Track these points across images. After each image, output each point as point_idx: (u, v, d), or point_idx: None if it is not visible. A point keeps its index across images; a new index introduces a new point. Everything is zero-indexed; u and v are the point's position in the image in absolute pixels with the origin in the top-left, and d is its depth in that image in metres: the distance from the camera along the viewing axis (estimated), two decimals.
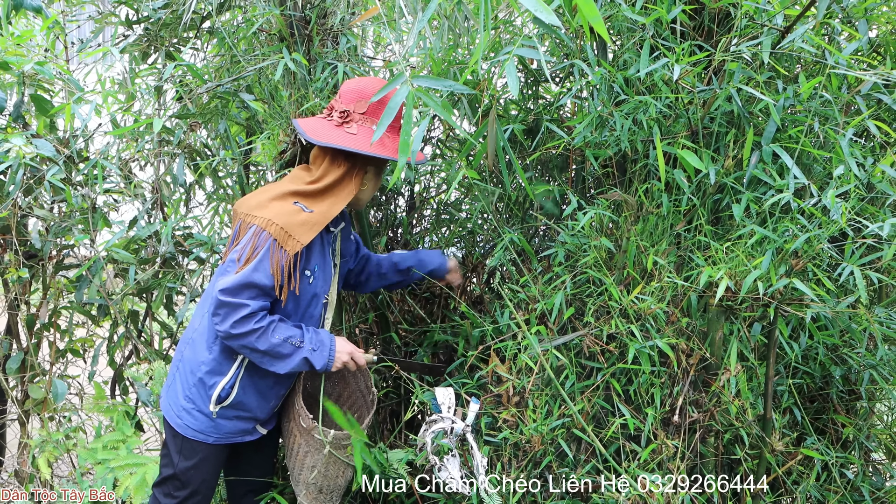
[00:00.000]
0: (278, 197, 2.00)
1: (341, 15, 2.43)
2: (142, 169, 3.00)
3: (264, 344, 1.93)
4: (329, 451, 2.09)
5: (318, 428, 2.07)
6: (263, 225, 1.94)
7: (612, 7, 2.01)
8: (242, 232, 1.99)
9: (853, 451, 2.30)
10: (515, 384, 2.06)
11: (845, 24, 2.10)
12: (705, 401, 2.03)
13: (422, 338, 2.50)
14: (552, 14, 1.09)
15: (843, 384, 2.32)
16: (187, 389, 2.08)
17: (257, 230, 1.94)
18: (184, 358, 2.11)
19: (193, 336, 2.11)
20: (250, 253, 1.93)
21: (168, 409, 2.14)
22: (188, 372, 2.08)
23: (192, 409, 2.08)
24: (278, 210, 1.96)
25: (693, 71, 1.93)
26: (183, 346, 2.14)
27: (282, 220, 1.94)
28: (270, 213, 1.95)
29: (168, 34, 2.88)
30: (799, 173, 1.86)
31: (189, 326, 2.17)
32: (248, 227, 1.97)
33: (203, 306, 2.14)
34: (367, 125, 2.03)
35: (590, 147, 2.11)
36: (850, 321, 2.13)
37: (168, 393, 2.15)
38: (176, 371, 2.14)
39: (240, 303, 1.90)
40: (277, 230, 1.93)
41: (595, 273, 2.04)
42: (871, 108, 1.98)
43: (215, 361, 2.05)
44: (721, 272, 1.83)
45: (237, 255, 1.95)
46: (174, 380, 2.13)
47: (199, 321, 2.12)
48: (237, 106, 2.75)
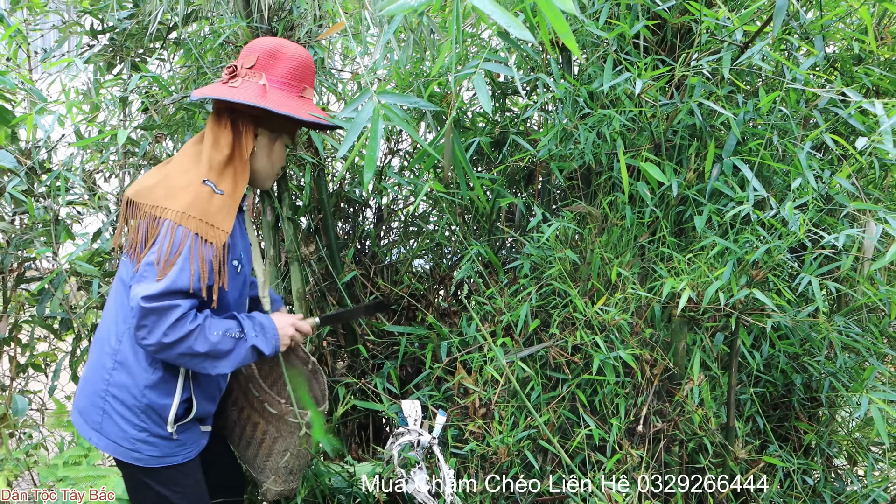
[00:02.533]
0: (184, 181, 1.75)
1: (308, 27, 2.43)
2: (106, 181, 2.96)
3: (204, 345, 1.71)
4: (305, 431, 2.03)
5: (293, 411, 2.02)
6: (178, 220, 1.69)
7: (576, 22, 2.04)
8: (153, 228, 1.71)
9: (815, 458, 2.34)
10: (482, 396, 2.07)
11: (803, 40, 2.15)
12: (669, 410, 2.05)
13: (389, 350, 2.49)
14: (525, 29, 1.10)
15: (805, 392, 2.36)
16: (135, 418, 1.81)
17: (171, 225, 1.69)
18: (114, 384, 1.81)
19: (118, 358, 1.81)
20: (168, 254, 1.68)
21: (115, 447, 1.83)
22: (128, 398, 1.81)
23: (147, 437, 1.82)
24: (191, 198, 1.72)
25: (655, 85, 1.96)
26: (104, 371, 1.83)
27: (198, 210, 1.70)
28: (182, 204, 1.71)
29: (134, 45, 2.86)
30: (758, 185, 1.89)
31: (102, 348, 1.85)
32: (157, 221, 1.71)
33: (114, 322, 1.84)
34: (253, 79, 1.81)
35: (554, 160, 2.13)
36: (810, 330, 2.17)
37: (105, 429, 1.83)
38: (104, 402, 1.82)
39: (168, 304, 1.66)
40: (197, 223, 1.70)
41: (560, 285, 2.05)
42: (829, 121, 2.03)
43: (162, 380, 1.81)
44: (683, 283, 1.85)
45: (154, 256, 1.68)
46: (106, 412, 1.82)
47: (117, 340, 1.82)
48: (204, 118, 2.73)
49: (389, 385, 2.44)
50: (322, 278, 2.56)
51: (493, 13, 1.05)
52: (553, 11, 1.03)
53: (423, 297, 2.55)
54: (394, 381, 2.45)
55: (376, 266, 2.66)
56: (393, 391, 2.43)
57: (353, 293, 2.58)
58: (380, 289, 2.59)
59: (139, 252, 1.72)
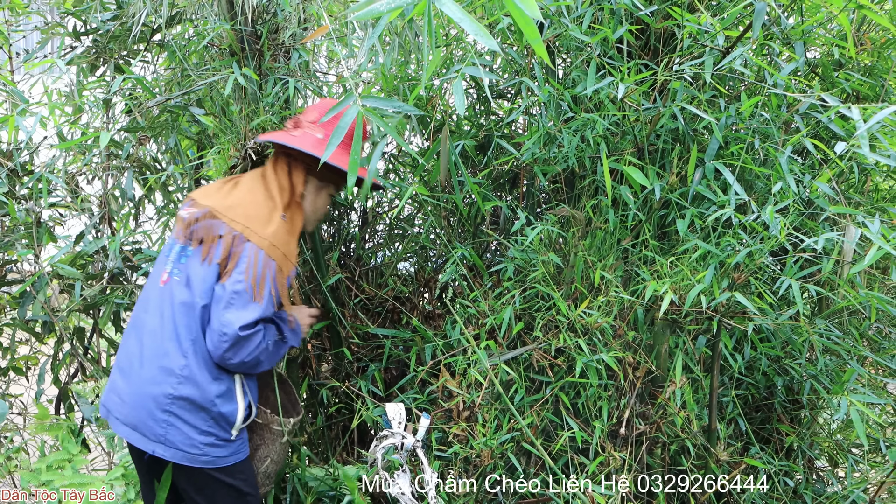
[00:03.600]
0: (265, 211, 1.94)
1: (292, 30, 2.42)
2: (89, 183, 2.94)
3: (270, 358, 1.93)
4: (287, 439, 2.13)
5: (277, 420, 2.10)
6: (265, 247, 1.87)
7: (560, 26, 2.05)
8: (236, 247, 1.87)
9: (797, 460, 2.36)
10: (465, 399, 2.07)
11: (785, 45, 2.17)
12: (652, 413, 2.07)
13: (374, 353, 2.49)
14: (492, 39, 1.11)
15: (787, 394, 2.38)
16: (203, 424, 1.91)
17: (256, 250, 1.86)
18: (180, 397, 1.89)
19: (185, 373, 1.89)
20: (256, 283, 1.85)
21: (182, 454, 1.91)
22: (197, 410, 1.90)
23: (213, 441, 1.93)
24: (274, 228, 1.91)
25: (638, 89, 1.97)
26: (167, 386, 1.89)
27: (280, 241, 1.90)
28: (269, 233, 1.89)
29: (117, 46, 2.84)
30: (740, 189, 1.91)
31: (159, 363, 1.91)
32: (240, 240, 1.87)
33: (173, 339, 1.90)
34: (312, 132, 2.01)
35: (538, 163, 2.14)
36: (791, 333, 2.19)
37: (170, 439, 1.90)
38: (169, 415, 1.89)
39: (257, 331, 1.86)
40: (279, 255, 1.89)
41: (543, 288, 2.06)
42: (809, 126, 2.05)
43: (228, 390, 1.93)
44: (666, 286, 1.87)
45: (243, 286, 1.84)
46: (170, 424, 1.90)
47: (182, 356, 1.89)
48: (187, 120, 2.72)
49: (374, 388, 2.44)
50: (307, 281, 2.55)
51: (462, 21, 1.06)
52: (523, 19, 1.04)
53: (408, 300, 2.55)
54: (378, 384, 2.45)
55: (361, 269, 2.66)
56: (378, 394, 2.43)
57: (338, 296, 2.57)
58: (364, 292, 2.59)
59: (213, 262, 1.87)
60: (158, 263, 2.03)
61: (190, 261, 1.92)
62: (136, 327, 1.99)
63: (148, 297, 1.99)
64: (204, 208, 1.93)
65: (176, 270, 1.94)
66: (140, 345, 1.95)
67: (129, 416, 1.94)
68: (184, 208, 1.99)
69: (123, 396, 1.96)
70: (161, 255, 2.04)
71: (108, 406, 2.01)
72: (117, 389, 1.98)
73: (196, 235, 1.92)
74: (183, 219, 1.96)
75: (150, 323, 1.95)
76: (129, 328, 2.02)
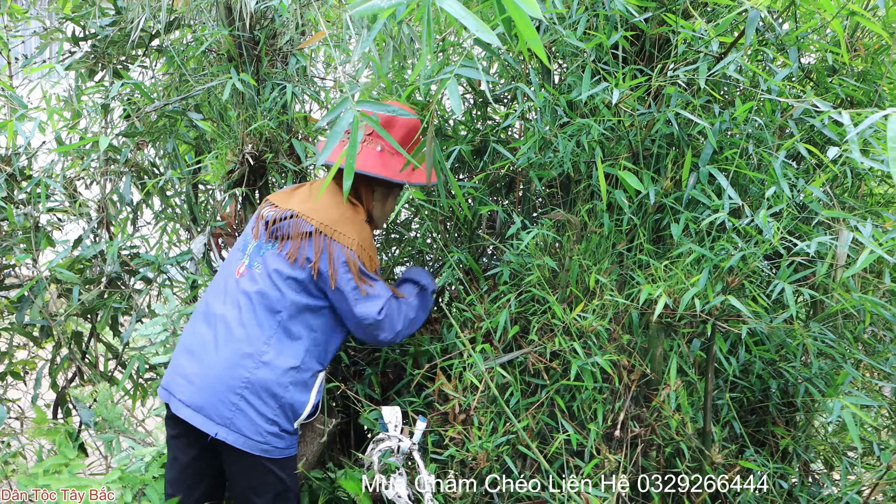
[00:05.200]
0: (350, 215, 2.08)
1: (290, 35, 2.44)
2: (87, 187, 2.95)
3: (421, 310, 2.17)
4: (325, 440, 2.21)
5: (321, 417, 2.19)
6: (356, 249, 2.03)
7: (555, 32, 2.06)
8: (329, 248, 2.01)
9: (792, 462, 2.37)
10: (461, 402, 2.08)
11: (779, 51, 2.19)
12: (646, 415, 2.08)
13: (370, 357, 2.50)
14: (493, 34, 1.11)
15: (782, 397, 2.39)
16: (270, 412, 2.00)
17: (347, 251, 2.02)
18: (254, 381, 1.99)
19: (265, 358, 2.00)
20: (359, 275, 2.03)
21: (244, 440, 2.00)
22: (268, 397, 2.00)
23: (277, 431, 2.02)
24: (358, 230, 2.06)
25: (633, 95, 1.99)
26: (243, 370, 1.99)
27: (367, 244, 2.08)
28: (357, 235, 2.05)
29: (116, 52, 2.86)
30: (734, 194, 1.92)
31: (238, 348, 2.01)
32: (330, 242, 2.01)
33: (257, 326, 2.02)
34: (371, 146, 2.10)
35: (534, 168, 2.15)
36: (785, 336, 2.20)
37: (235, 423, 1.99)
38: (240, 398, 1.99)
39: (388, 309, 2.06)
40: (368, 258, 2.07)
41: (539, 291, 2.07)
42: (803, 131, 2.06)
43: (304, 382, 2.05)
44: (660, 290, 1.88)
45: (344, 282, 2.02)
46: (239, 408, 1.99)
47: (265, 343, 2.01)
48: (185, 125, 2.74)
49: (370, 391, 2.44)
50: None
51: (463, 18, 1.07)
52: (522, 19, 1.05)
53: None
54: (375, 388, 2.46)
55: None
56: (374, 398, 2.44)
57: None
58: None
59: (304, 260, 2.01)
60: (232, 258, 2.15)
61: (269, 255, 2.04)
62: (208, 315, 2.09)
63: (223, 287, 2.10)
64: (287, 210, 2.05)
65: (256, 264, 2.06)
66: (214, 330, 2.05)
67: (196, 398, 2.01)
68: (265, 209, 2.11)
69: (192, 378, 2.03)
70: (234, 251, 2.17)
71: (170, 388, 2.08)
72: (184, 372, 2.05)
73: (280, 233, 2.04)
74: (265, 217, 2.08)
75: (226, 311, 2.05)
76: (199, 315, 2.12)
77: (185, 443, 2.15)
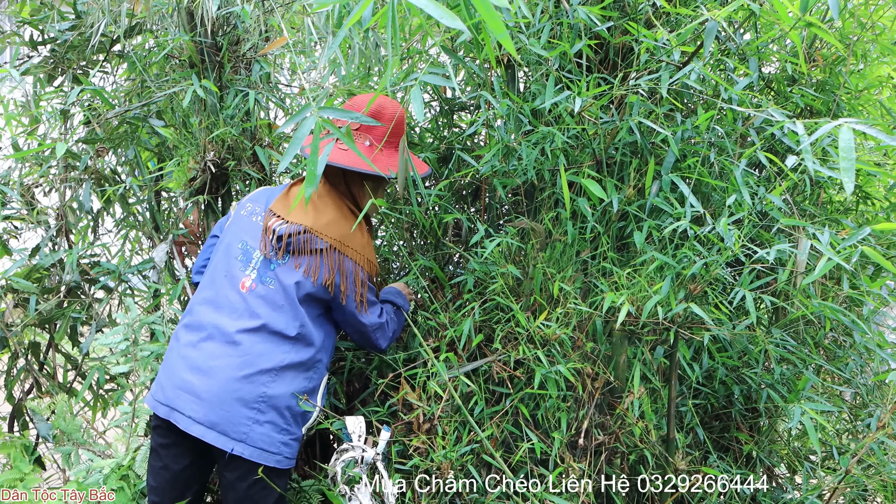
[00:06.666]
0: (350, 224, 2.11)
1: (253, 42, 2.42)
2: (46, 195, 2.89)
3: (398, 327, 2.21)
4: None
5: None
6: (360, 261, 2.08)
7: (518, 41, 2.07)
8: (342, 264, 2.05)
9: (756, 468, 2.39)
10: (425, 411, 2.07)
11: (740, 61, 2.22)
12: (610, 423, 2.08)
13: (335, 366, 2.47)
14: (456, 18, 1.09)
15: (745, 403, 2.41)
16: (283, 422, 2.01)
17: (354, 266, 2.07)
18: (271, 394, 1.98)
19: (280, 373, 2.00)
20: (362, 290, 2.09)
21: (260, 453, 1.98)
22: (283, 409, 2.01)
23: (288, 440, 2.03)
24: (359, 239, 2.11)
25: (597, 103, 1.99)
26: (260, 385, 1.98)
27: (368, 252, 2.13)
28: (359, 246, 2.10)
29: (75, 56, 2.81)
30: (695, 202, 1.94)
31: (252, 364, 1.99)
32: (341, 257, 2.05)
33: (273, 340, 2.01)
34: (359, 140, 2.10)
35: (498, 175, 2.15)
36: (747, 343, 2.22)
37: (252, 437, 1.98)
38: (256, 412, 1.98)
39: (383, 319, 2.14)
40: (369, 264, 2.11)
41: (503, 300, 2.07)
42: (764, 140, 2.09)
43: (314, 389, 2.08)
44: (623, 298, 1.88)
45: (353, 296, 2.08)
46: (256, 421, 1.98)
47: (282, 355, 2.01)
48: (147, 132, 2.69)
49: (335, 401, 2.42)
50: None
51: (426, 6, 1.06)
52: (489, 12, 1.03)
53: None
54: (340, 397, 2.43)
55: None
56: (339, 407, 2.42)
57: None
58: None
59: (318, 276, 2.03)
60: (228, 268, 2.10)
61: (281, 270, 2.04)
62: (212, 329, 2.05)
63: (225, 300, 2.06)
64: (298, 225, 2.05)
65: (269, 279, 2.05)
66: (224, 346, 2.02)
67: (210, 415, 1.97)
68: (272, 221, 2.08)
69: (202, 395, 1.98)
70: (225, 261, 2.12)
71: (173, 404, 2.02)
72: (191, 388, 2.00)
73: (292, 248, 2.04)
74: (277, 232, 2.04)
75: (237, 326, 2.02)
76: (198, 329, 2.07)
77: (178, 452, 2.09)
